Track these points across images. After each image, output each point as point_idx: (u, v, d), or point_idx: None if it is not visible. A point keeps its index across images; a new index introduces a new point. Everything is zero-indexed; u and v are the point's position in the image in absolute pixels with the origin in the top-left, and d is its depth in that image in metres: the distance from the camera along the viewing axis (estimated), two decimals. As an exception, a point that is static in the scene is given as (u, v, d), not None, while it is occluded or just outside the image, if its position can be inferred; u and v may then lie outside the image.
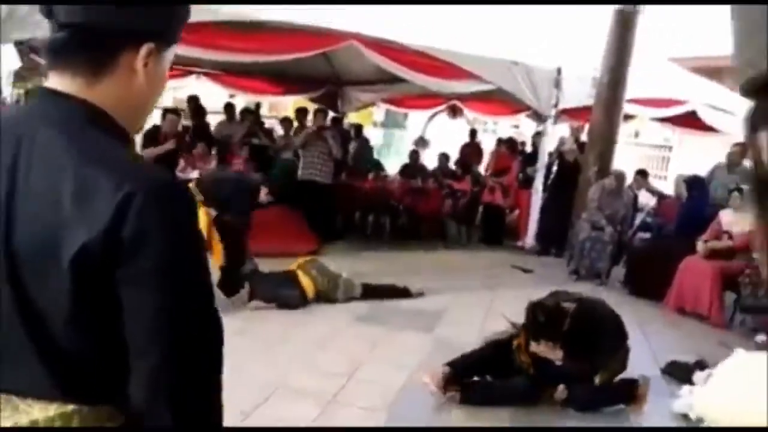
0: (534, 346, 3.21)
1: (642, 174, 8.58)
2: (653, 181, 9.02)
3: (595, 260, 6.16)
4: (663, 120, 8.66)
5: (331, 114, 9.19)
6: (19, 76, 8.93)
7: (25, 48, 6.77)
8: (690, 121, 8.44)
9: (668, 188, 9.00)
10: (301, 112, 8.30)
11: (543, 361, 3.23)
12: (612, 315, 3.44)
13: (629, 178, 6.91)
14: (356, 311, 4.52)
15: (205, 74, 9.37)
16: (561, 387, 3.21)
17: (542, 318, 3.19)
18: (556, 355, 3.21)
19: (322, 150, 6.73)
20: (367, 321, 4.36)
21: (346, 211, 7.50)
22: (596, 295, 5.29)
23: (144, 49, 0.87)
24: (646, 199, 7.89)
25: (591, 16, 7.52)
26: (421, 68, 6.30)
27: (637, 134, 15.93)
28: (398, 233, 7.52)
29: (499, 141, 9.50)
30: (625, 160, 13.62)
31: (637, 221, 7.05)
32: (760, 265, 3.87)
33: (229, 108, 8.77)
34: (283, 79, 9.46)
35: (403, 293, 4.96)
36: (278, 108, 13.67)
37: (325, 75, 9.44)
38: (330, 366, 3.53)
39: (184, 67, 8.85)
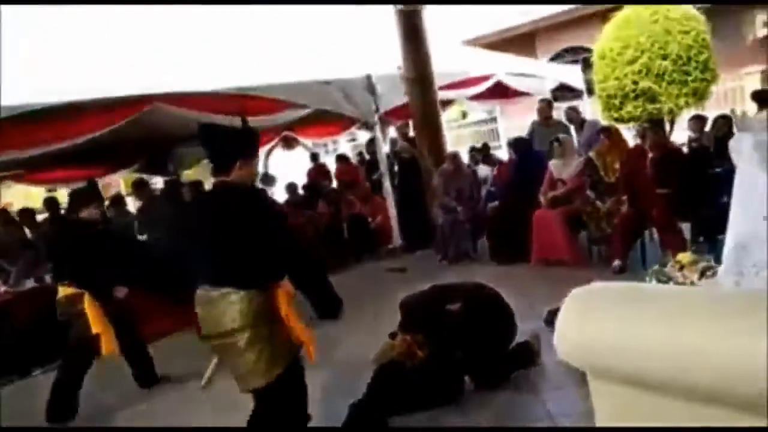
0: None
1: (475, 150, 9.11)
2: (494, 153, 9.64)
3: (458, 241, 6.40)
4: (478, 97, 9.22)
5: (160, 179, 8.76)
6: None
7: None
8: (501, 91, 9.10)
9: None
10: (140, 186, 7.86)
11: (440, 356, 3.23)
12: (493, 293, 3.54)
13: (465, 157, 7.27)
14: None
15: (9, 177, 8.50)
16: (468, 380, 3.26)
17: (439, 332, 3.22)
18: (455, 352, 3.23)
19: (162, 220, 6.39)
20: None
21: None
22: (469, 274, 5.55)
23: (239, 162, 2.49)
24: (486, 172, 8.35)
25: (368, 18, 7.90)
26: (234, 109, 6.16)
27: (464, 115, 16.99)
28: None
29: (337, 158, 9.63)
30: (461, 141, 14.49)
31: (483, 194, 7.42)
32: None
33: (49, 203, 8.02)
34: (101, 159, 8.82)
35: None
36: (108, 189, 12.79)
37: (145, 142, 8.95)
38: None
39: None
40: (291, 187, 8.77)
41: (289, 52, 7.01)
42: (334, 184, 9.73)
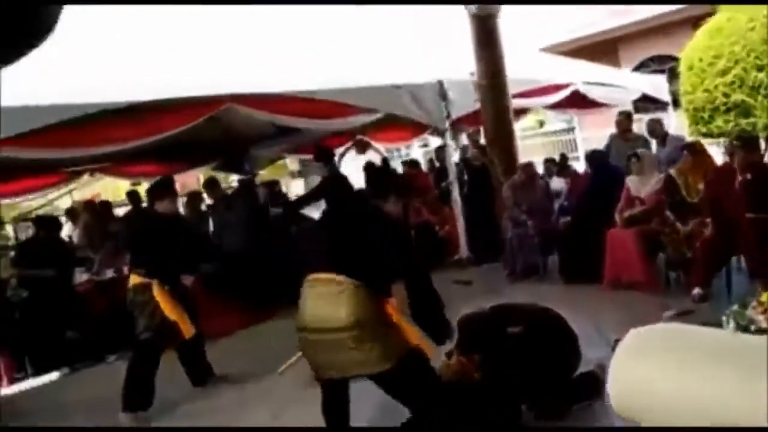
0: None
1: (550, 161, 8.83)
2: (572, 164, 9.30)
3: (526, 256, 6.19)
4: (555, 106, 8.92)
5: (235, 177, 9.04)
6: None
7: None
8: (579, 100, 8.77)
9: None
10: (212, 185, 8.14)
11: (496, 380, 3.12)
12: (557, 315, 3.38)
13: (539, 168, 7.04)
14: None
15: (98, 170, 9.00)
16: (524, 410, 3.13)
17: (497, 355, 3.13)
18: (513, 378, 3.11)
19: (233, 219, 6.61)
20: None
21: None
22: (536, 291, 5.36)
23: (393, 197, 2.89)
24: (561, 185, 8.07)
25: (441, 23, 7.79)
26: (306, 113, 6.22)
27: (542, 124, 16.58)
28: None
29: (406, 164, 9.58)
30: (536, 150, 14.13)
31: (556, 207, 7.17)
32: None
33: (132, 196, 8.44)
34: (181, 156, 9.18)
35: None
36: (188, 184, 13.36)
37: (222, 141, 9.23)
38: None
39: (74, 168, 8.48)
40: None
41: (361, 55, 7.02)
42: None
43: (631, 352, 1.40)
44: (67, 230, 8.72)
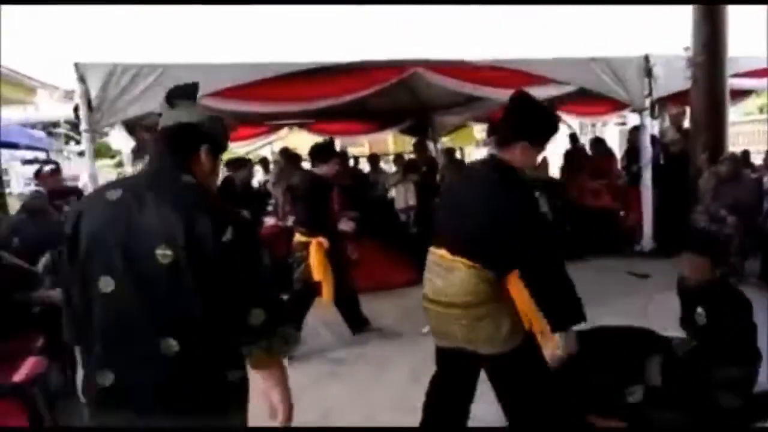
0: None
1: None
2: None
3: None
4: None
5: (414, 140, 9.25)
6: (135, 155, 9.84)
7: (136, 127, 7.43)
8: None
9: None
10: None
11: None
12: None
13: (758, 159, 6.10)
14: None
15: (297, 125, 9.73)
16: None
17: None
18: None
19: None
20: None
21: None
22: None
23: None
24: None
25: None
26: (494, 82, 6.07)
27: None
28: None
29: (594, 142, 8.91)
30: (755, 140, 12.32)
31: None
32: None
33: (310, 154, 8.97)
34: (370, 117, 9.56)
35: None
36: (373, 146, 13.91)
37: (411, 105, 9.41)
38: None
39: (276, 122, 9.26)
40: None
41: (563, 27, 6.63)
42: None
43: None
44: (260, 177, 9.64)
